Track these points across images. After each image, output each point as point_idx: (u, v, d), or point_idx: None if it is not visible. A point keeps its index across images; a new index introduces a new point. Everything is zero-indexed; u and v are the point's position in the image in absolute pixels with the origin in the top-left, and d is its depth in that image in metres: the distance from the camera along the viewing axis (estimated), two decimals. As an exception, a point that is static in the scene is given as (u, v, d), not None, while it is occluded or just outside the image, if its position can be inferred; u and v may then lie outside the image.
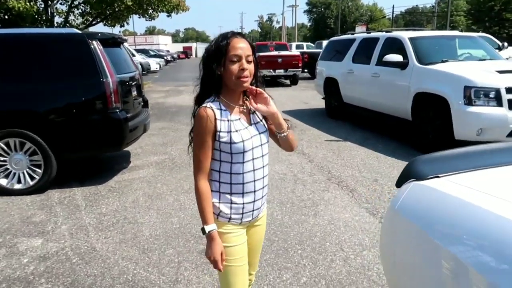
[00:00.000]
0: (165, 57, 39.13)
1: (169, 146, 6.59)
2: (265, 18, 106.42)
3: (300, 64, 16.07)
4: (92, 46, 4.52)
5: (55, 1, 13.60)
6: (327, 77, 8.95)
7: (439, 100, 5.51)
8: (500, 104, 5.02)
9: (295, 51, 19.35)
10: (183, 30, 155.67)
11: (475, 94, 5.11)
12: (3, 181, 4.47)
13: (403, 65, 6.31)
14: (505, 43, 12.76)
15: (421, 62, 6.14)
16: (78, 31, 4.79)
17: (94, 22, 14.92)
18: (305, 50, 23.15)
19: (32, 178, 4.49)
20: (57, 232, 3.57)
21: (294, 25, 52.05)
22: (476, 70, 5.55)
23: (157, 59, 31.13)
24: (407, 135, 6.47)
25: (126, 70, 5.25)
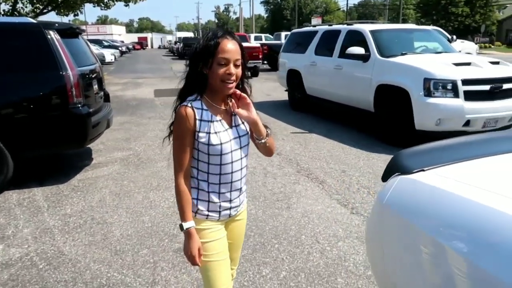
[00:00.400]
0: (120, 48, 37.77)
1: (133, 142, 6.37)
2: (222, 8, 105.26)
3: (260, 56, 16.07)
4: (49, 36, 4.25)
5: (-1, -13, 12.64)
6: (290, 69, 9.00)
7: (400, 92, 5.71)
8: (457, 96, 5.28)
9: (254, 43, 19.31)
10: (137, 20, 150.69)
11: (434, 86, 5.33)
12: (-48, 184, 4.12)
13: (365, 57, 6.46)
14: (454, 36, 13.47)
15: (382, 55, 6.31)
16: (33, 20, 4.48)
17: (45, 10, 14.00)
18: (264, 41, 23.15)
19: (-15, 179, 4.18)
20: (19, 236, 3.35)
21: (251, 16, 51.89)
22: (434, 62, 5.79)
23: (111, 50, 29.98)
24: (370, 126, 6.66)
25: (86, 62, 4.99)
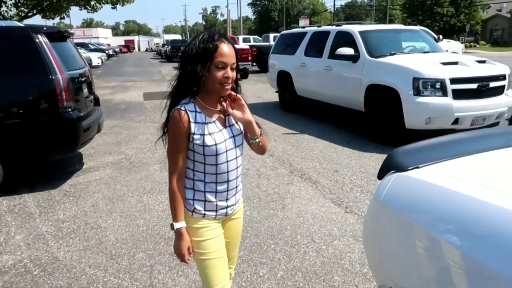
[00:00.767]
0: (107, 51, 37.45)
1: (124, 145, 6.32)
2: (209, 10, 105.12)
3: (249, 58, 16.10)
4: (38, 40, 4.21)
5: (-17, -9, 12.43)
6: (280, 71, 9.03)
7: (390, 91, 5.78)
8: (445, 94, 5.36)
9: (243, 45, 19.33)
10: (124, 23, 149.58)
11: (423, 85, 5.41)
12: None
13: (354, 58, 6.52)
14: (441, 36, 13.70)
15: (371, 55, 6.38)
16: (20, 24, 4.42)
17: (30, 14, 13.81)
18: (253, 43, 23.18)
19: (-25, 186, 4.11)
20: (11, 243, 3.31)
21: (239, 18, 51.93)
22: (422, 62, 5.87)
23: (98, 54, 29.72)
24: (361, 125, 6.72)
25: (75, 66, 4.94)
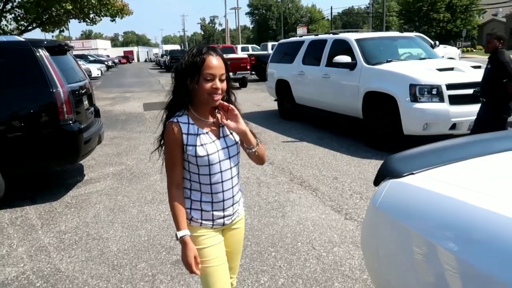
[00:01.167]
0: (106, 63, 37.66)
1: (124, 156, 6.36)
2: (208, 20, 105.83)
3: (248, 67, 16.21)
4: (38, 54, 4.28)
5: (-17, 6, 12.56)
6: (279, 79, 9.11)
7: (387, 98, 5.84)
8: (442, 100, 5.42)
9: (242, 54, 19.48)
10: (122, 34, 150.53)
11: (419, 91, 5.47)
12: None
13: (351, 65, 6.59)
14: (437, 42, 13.85)
15: (368, 63, 6.45)
16: (21, 39, 4.48)
17: (30, 27, 13.95)
18: (251, 52, 23.36)
19: (-23, 199, 4.15)
20: (14, 256, 3.33)
21: (237, 27, 52.30)
22: (419, 68, 5.94)
23: (97, 65, 29.93)
24: (359, 132, 6.77)
25: (76, 78, 5.01)
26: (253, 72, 19.16)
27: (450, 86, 5.42)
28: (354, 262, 3.02)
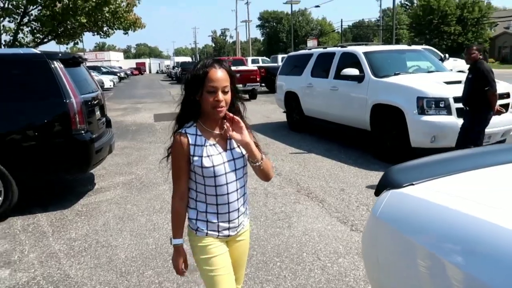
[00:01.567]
0: (119, 74, 38.28)
1: (134, 166, 6.47)
2: (219, 33, 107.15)
3: (258, 79, 16.36)
4: (53, 66, 4.42)
5: (2, 19, 12.95)
6: (287, 91, 9.20)
7: (395, 110, 5.86)
8: (449, 113, 5.43)
9: (252, 66, 19.67)
10: (135, 46, 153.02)
11: (427, 104, 5.49)
12: (-42, 211, 4.20)
13: (359, 78, 6.65)
14: (447, 55, 13.84)
15: (376, 75, 6.50)
16: (37, 51, 4.64)
17: (45, 40, 14.34)
18: (261, 64, 23.55)
19: (-9, 206, 4.26)
20: (25, 261, 3.42)
21: (247, 40, 52.86)
22: (426, 81, 5.97)
23: (110, 76, 30.45)
24: (367, 144, 6.78)
25: (88, 89, 5.14)
26: (263, 84, 19.31)
27: (457, 99, 5.43)
28: (359, 273, 3.03)
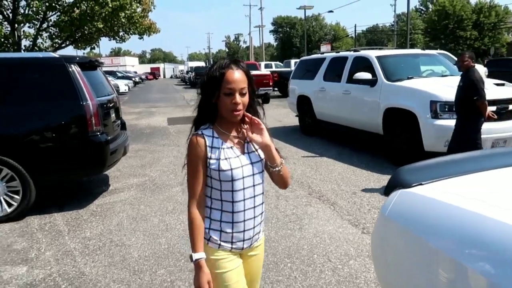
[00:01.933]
0: (134, 79, 38.84)
1: (148, 168, 6.57)
2: (232, 38, 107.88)
3: (271, 83, 16.44)
4: (71, 69, 4.54)
5: (22, 24, 13.34)
6: (300, 95, 9.22)
7: (408, 114, 5.84)
8: (463, 117, 5.37)
9: (265, 71, 19.76)
10: (150, 51, 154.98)
11: (440, 108, 5.46)
12: (-22, 210, 4.33)
13: (372, 82, 6.64)
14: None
15: (388, 79, 6.49)
16: (56, 55, 4.78)
17: (63, 45, 14.71)
18: (274, 69, 23.66)
19: (9, 205, 4.38)
20: (42, 259, 3.51)
21: (261, 45, 53.09)
22: (439, 85, 5.93)
23: (125, 81, 30.91)
24: (380, 148, 6.76)
25: (104, 93, 5.26)
26: (276, 89, 19.38)
27: (471, 103, 5.38)
28: (370, 275, 3.03)
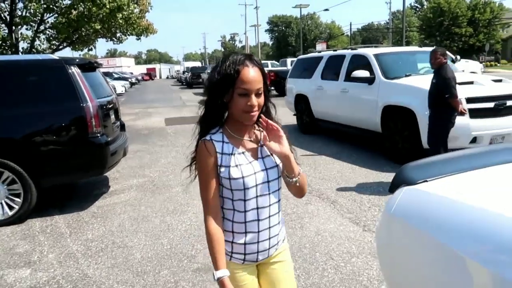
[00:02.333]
0: (130, 80, 38.73)
1: (147, 169, 6.56)
2: (228, 37, 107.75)
3: (268, 82, 16.43)
4: (71, 71, 4.53)
5: (19, 26, 13.28)
6: (298, 94, 9.24)
7: (406, 112, 5.86)
8: (461, 114, 5.40)
9: (262, 70, 19.74)
10: (145, 52, 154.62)
11: (438, 105, 5.47)
12: (-21, 213, 4.32)
13: (370, 80, 6.66)
14: (458, 56, 13.78)
15: (386, 77, 6.51)
16: (55, 57, 4.77)
17: (60, 47, 14.66)
18: (270, 68, 23.67)
19: (11, 208, 4.37)
20: (45, 261, 3.51)
21: (256, 44, 53.10)
22: (437, 83, 5.95)
23: (122, 82, 30.81)
24: (378, 146, 6.78)
25: (104, 94, 5.25)
26: (272, 88, 19.39)
27: (470, 100, 5.41)
28: (372, 272, 3.05)
